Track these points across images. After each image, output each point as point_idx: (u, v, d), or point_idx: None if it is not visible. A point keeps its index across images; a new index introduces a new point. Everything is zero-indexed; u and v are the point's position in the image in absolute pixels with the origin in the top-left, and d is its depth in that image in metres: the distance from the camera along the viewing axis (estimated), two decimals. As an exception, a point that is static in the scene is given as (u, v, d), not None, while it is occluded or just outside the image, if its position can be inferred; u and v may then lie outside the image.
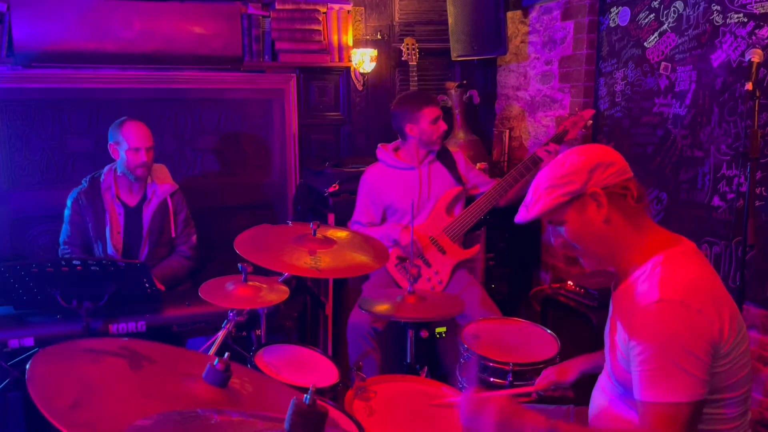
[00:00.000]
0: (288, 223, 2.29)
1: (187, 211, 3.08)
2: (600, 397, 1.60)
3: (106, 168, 2.96)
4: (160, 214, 2.96)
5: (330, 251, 2.04)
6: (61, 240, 2.93)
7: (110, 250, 2.88)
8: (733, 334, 1.35)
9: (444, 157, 3.08)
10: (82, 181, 2.95)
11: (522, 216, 1.53)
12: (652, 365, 1.33)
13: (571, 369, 1.88)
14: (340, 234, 2.19)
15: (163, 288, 2.80)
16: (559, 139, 2.99)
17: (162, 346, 1.35)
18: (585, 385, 1.82)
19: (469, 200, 3.07)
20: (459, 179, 3.05)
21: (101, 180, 2.93)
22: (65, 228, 2.92)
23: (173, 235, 3.01)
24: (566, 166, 1.46)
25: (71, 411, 1.03)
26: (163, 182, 3.01)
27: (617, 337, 1.46)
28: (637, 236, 1.47)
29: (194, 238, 3.09)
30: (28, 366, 1.13)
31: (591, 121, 2.95)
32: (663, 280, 1.37)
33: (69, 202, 2.91)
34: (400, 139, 3.09)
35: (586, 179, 1.44)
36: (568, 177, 1.45)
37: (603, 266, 1.55)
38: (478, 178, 3.15)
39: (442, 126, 2.97)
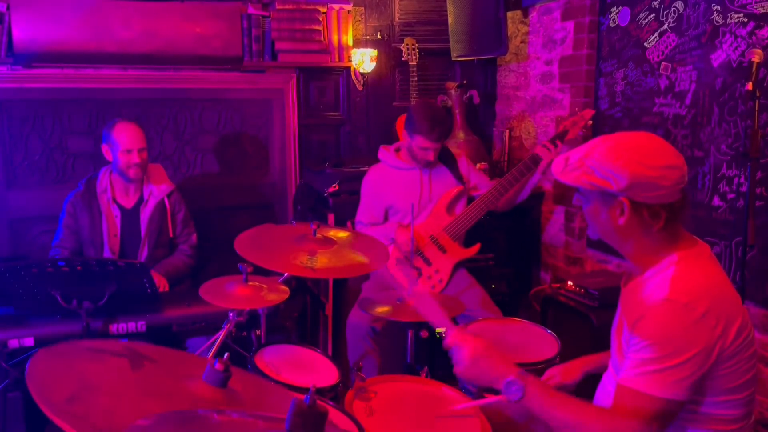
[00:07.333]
0: (292, 223, 2.29)
1: (186, 210, 3.06)
2: (605, 395, 1.60)
3: (102, 170, 2.95)
4: (158, 215, 2.95)
5: (330, 251, 2.04)
6: (53, 243, 2.92)
7: (107, 253, 2.87)
8: (738, 339, 1.36)
9: (446, 157, 3.08)
10: (79, 184, 2.93)
11: (557, 168, 1.49)
12: (644, 356, 1.35)
13: (576, 370, 1.86)
14: (341, 234, 2.18)
15: (167, 287, 2.81)
16: (558, 139, 2.99)
17: (164, 349, 1.35)
18: (587, 383, 1.82)
19: (470, 200, 3.06)
20: (460, 179, 3.05)
21: (97, 182, 2.91)
22: (58, 231, 2.91)
23: (171, 235, 3.00)
24: (619, 162, 1.37)
25: (67, 404, 1.03)
26: (160, 183, 2.99)
27: (623, 335, 1.47)
28: (653, 238, 1.45)
29: (194, 237, 3.08)
30: (29, 363, 1.13)
31: (591, 122, 2.95)
32: (674, 280, 1.38)
33: (64, 205, 2.90)
34: (402, 140, 3.09)
35: (623, 188, 1.38)
36: (610, 174, 1.38)
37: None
38: (478, 178, 3.15)
39: (430, 156, 2.92)
